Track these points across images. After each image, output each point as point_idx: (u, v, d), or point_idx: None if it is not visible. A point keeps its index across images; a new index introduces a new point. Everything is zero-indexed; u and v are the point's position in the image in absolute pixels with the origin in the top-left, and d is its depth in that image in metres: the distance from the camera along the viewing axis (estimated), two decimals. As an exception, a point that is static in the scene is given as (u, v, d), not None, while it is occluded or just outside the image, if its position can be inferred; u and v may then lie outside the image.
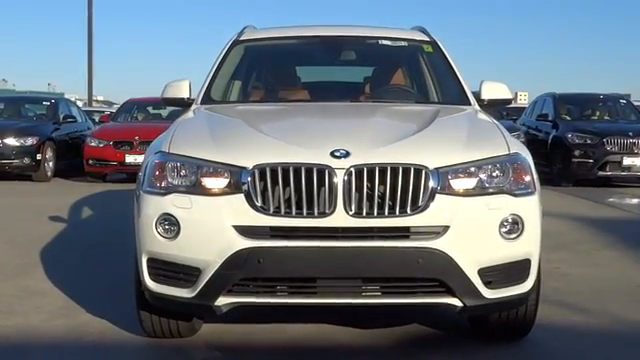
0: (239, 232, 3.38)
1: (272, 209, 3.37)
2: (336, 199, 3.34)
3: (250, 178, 3.39)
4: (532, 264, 3.60)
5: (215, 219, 3.41)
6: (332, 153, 3.40)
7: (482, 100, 4.81)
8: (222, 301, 3.45)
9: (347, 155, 3.40)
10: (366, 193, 3.36)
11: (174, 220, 3.47)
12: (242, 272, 3.38)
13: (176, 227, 3.47)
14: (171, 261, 3.51)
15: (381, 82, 5.40)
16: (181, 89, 4.90)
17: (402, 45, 5.38)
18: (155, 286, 3.58)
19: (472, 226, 3.44)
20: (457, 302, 3.45)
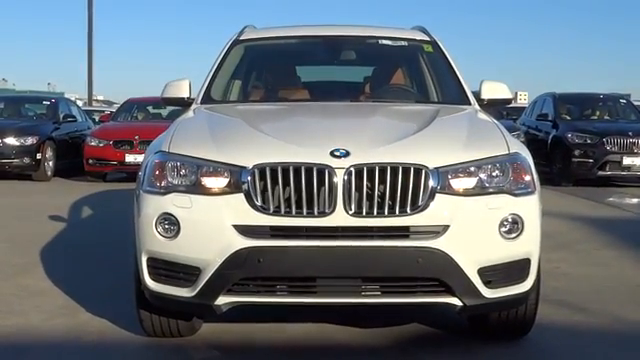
0: (239, 231, 3.38)
1: (272, 209, 3.37)
2: (336, 199, 3.34)
3: (250, 178, 3.39)
4: (532, 264, 3.60)
5: (215, 219, 3.42)
6: (332, 153, 3.40)
7: (482, 100, 4.81)
8: (222, 300, 3.45)
9: (347, 155, 3.40)
10: (366, 193, 3.36)
11: (174, 219, 3.48)
12: (242, 271, 3.39)
13: (176, 227, 3.47)
14: (171, 260, 3.51)
15: (381, 82, 5.40)
16: (181, 89, 4.90)
17: (402, 45, 5.38)
18: (155, 285, 3.59)
19: (472, 226, 3.45)
20: (457, 301, 3.45)
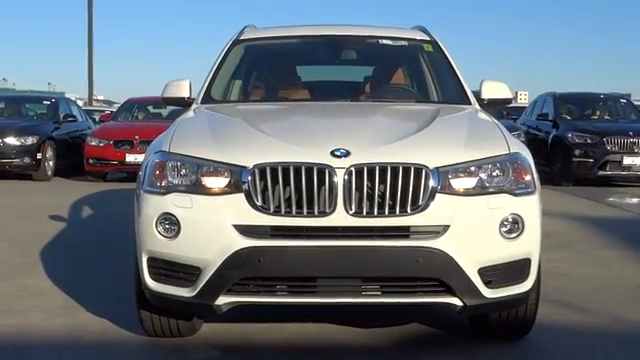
0: (239, 231, 3.38)
1: (272, 208, 3.37)
2: (336, 198, 3.34)
3: (250, 177, 3.39)
4: (532, 264, 3.60)
5: (215, 218, 3.42)
6: (332, 152, 3.40)
7: (482, 99, 4.81)
8: (222, 300, 3.45)
9: (347, 154, 3.40)
10: (366, 192, 3.36)
11: (174, 219, 3.48)
12: (242, 271, 3.39)
13: (176, 226, 3.47)
14: (171, 260, 3.51)
15: (381, 81, 5.39)
16: (181, 88, 4.90)
17: (402, 44, 5.38)
18: (155, 285, 3.59)
19: (472, 225, 3.45)
20: (457, 301, 3.45)
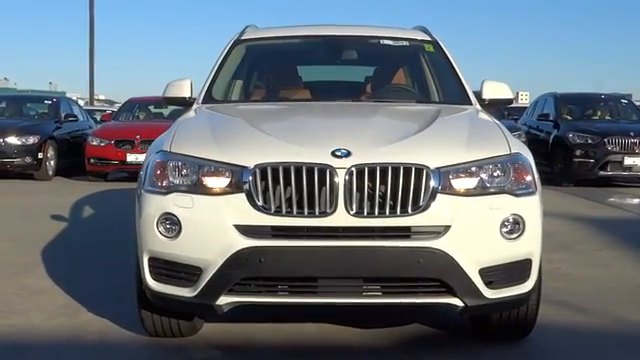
0: (240, 231, 3.38)
1: (273, 208, 3.37)
2: (337, 199, 3.34)
3: (251, 177, 3.39)
4: (533, 264, 3.60)
5: (216, 218, 3.42)
6: (333, 153, 3.41)
7: (483, 100, 4.81)
8: (223, 300, 3.45)
9: (348, 155, 3.40)
10: (367, 193, 3.36)
11: (175, 219, 3.48)
12: (243, 271, 3.39)
13: (177, 226, 3.47)
14: (172, 260, 3.51)
15: (382, 82, 5.39)
16: (182, 88, 4.90)
17: (403, 45, 5.38)
18: (156, 285, 3.59)
19: (473, 226, 3.45)
20: (458, 302, 3.45)
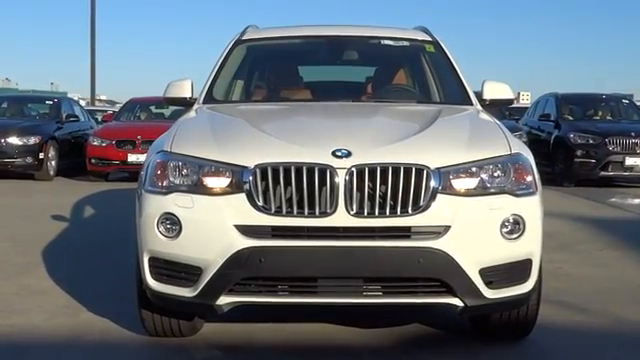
0: (240, 231, 3.38)
1: (274, 209, 3.37)
2: (337, 199, 3.34)
3: (252, 178, 3.40)
4: (533, 264, 3.60)
5: (216, 218, 3.42)
6: (334, 153, 3.41)
7: (484, 100, 4.81)
8: (223, 300, 3.45)
9: (348, 155, 3.40)
10: (367, 193, 3.36)
11: (176, 219, 3.48)
12: (243, 271, 3.39)
13: (177, 226, 3.47)
14: (173, 260, 3.51)
15: (383, 82, 5.39)
16: (183, 88, 4.91)
17: (404, 45, 5.38)
18: (157, 285, 3.59)
19: (473, 226, 3.45)
20: (458, 302, 3.45)
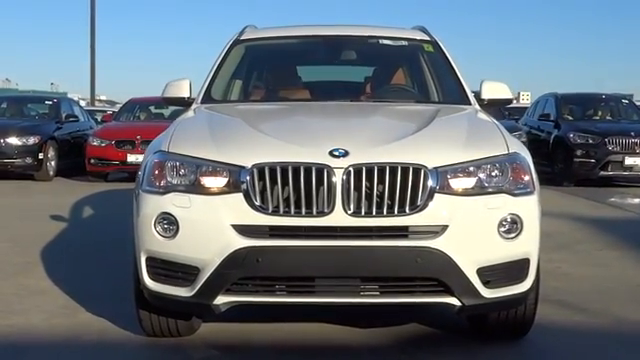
0: (238, 231, 3.38)
1: (271, 208, 3.37)
2: (335, 198, 3.34)
3: (249, 177, 3.39)
4: (531, 264, 3.60)
5: (214, 218, 3.42)
6: (331, 152, 3.40)
7: (482, 100, 4.81)
8: (221, 300, 3.45)
9: (346, 154, 3.40)
10: (365, 192, 3.36)
11: (173, 219, 3.48)
12: (241, 271, 3.39)
13: (175, 226, 3.47)
14: (170, 260, 3.51)
15: (382, 82, 5.39)
16: (181, 88, 4.90)
17: (403, 45, 5.38)
18: (154, 285, 3.59)
19: (471, 226, 3.45)
20: (455, 301, 3.45)
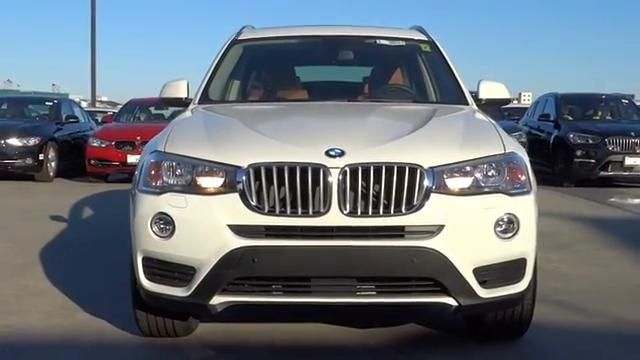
0: (234, 231, 3.38)
1: (267, 208, 3.37)
2: (331, 198, 3.34)
3: (245, 177, 3.39)
4: (528, 263, 3.59)
5: (210, 218, 3.42)
6: (327, 152, 3.40)
7: (480, 100, 4.81)
8: (217, 300, 3.45)
9: (342, 154, 3.40)
10: (361, 192, 3.36)
11: (169, 219, 3.48)
12: (237, 271, 3.39)
13: (171, 226, 3.47)
14: (166, 260, 3.51)
15: (379, 82, 5.39)
16: (179, 89, 4.91)
17: (400, 45, 5.38)
18: (150, 285, 3.59)
19: (467, 225, 3.44)
20: (452, 301, 3.45)
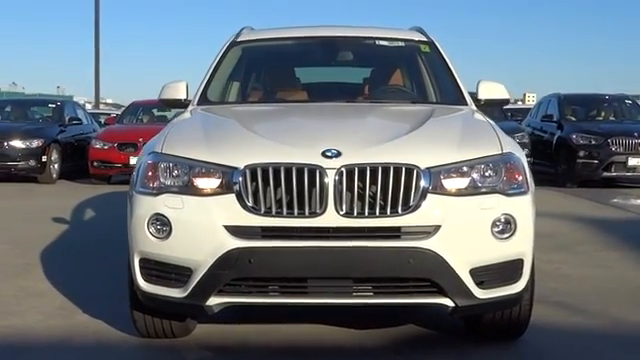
0: (230, 232, 3.38)
1: (263, 209, 3.37)
2: (327, 199, 3.33)
3: (241, 178, 3.39)
4: (525, 264, 3.58)
5: (206, 219, 3.42)
6: (323, 153, 3.40)
7: (479, 100, 4.80)
8: (213, 301, 3.45)
9: (338, 155, 3.39)
10: (357, 193, 3.36)
11: (166, 220, 3.48)
12: (233, 272, 3.39)
13: (168, 227, 3.48)
14: (163, 261, 3.52)
15: (378, 82, 5.39)
16: (178, 90, 4.92)
17: (399, 45, 5.37)
18: (147, 286, 3.59)
19: (464, 226, 3.44)
20: (449, 302, 3.44)
